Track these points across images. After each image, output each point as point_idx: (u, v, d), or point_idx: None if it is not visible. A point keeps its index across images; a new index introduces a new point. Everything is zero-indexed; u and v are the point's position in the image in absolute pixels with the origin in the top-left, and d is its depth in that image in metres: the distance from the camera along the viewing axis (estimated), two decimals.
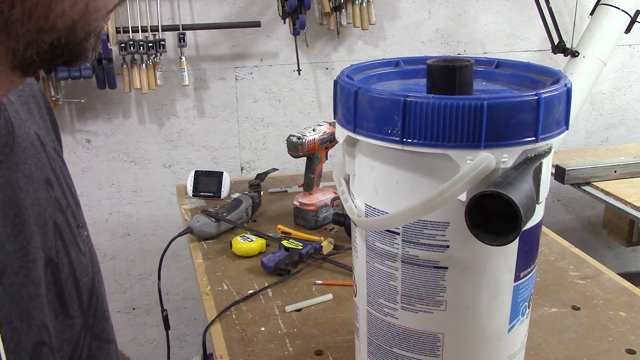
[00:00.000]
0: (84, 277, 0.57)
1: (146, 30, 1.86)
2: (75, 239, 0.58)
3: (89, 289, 0.58)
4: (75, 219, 0.59)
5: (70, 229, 0.57)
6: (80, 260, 0.57)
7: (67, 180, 0.62)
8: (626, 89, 2.42)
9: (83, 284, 0.57)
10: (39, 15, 0.40)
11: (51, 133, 0.65)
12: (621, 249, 2.50)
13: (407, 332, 0.73)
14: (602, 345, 1.02)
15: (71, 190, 0.62)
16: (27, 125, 0.56)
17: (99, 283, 0.62)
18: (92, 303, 0.58)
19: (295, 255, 1.26)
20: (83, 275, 0.57)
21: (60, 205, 0.56)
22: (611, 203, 1.79)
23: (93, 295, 0.59)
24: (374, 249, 0.73)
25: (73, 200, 0.61)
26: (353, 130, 0.70)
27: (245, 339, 1.04)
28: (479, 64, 0.80)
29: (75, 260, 0.56)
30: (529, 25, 2.24)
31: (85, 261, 0.58)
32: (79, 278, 0.56)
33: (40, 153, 0.56)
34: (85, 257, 0.59)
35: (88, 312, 0.58)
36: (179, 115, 2.05)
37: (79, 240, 0.59)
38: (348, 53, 2.13)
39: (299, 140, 1.37)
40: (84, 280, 0.57)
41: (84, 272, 0.58)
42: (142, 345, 2.24)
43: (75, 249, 0.57)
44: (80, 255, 0.58)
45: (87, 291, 0.58)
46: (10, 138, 0.50)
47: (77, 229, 0.59)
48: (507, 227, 0.57)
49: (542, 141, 0.65)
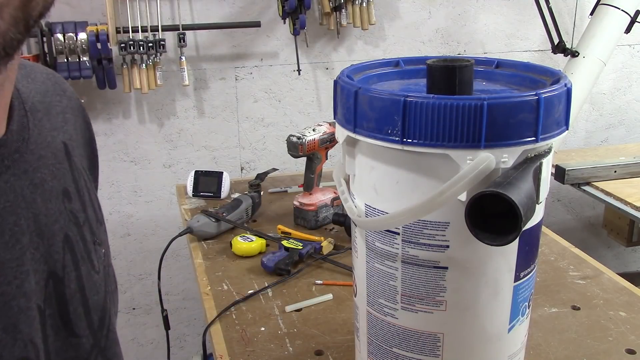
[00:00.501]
0: (94, 295, 0.55)
1: (146, 30, 1.86)
2: (89, 255, 0.55)
3: (101, 309, 0.56)
4: (92, 234, 0.57)
5: (84, 244, 0.55)
6: (91, 277, 0.55)
7: (92, 195, 0.60)
8: (626, 89, 2.42)
9: (92, 302, 0.54)
10: None
11: (88, 149, 0.64)
12: (621, 249, 2.50)
13: (407, 332, 0.73)
14: (602, 345, 1.02)
15: (94, 205, 0.60)
16: (52, 134, 0.55)
17: (112, 304, 0.59)
18: (104, 324, 0.56)
19: (295, 255, 1.26)
20: (93, 293, 0.55)
21: (76, 218, 0.55)
22: (611, 203, 1.79)
23: (105, 315, 0.56)
24: (374, 249, 0.73)
25: (94, 216, 0.59)
26: (353, 130, 0.70)
27: (245, 339, 1.04)
28: (479, 64, 0.80)
29: (86, 277, 0.54)
30: (529, 25, 2.24)
31: (97, 279, 0.56)
32: (88, 295, 0.54)
33: (62, 163, 0.55)
34: (99, 274, 0.56)
35: (100, 333, 0.55)
36: (179, 115, 2.05)
37: (94, 256, 0.56)
38: (348, 53, 2.13)
39: (299, 140, 1.37)
40: (94, 299, 0.55)
41: (95, 290, 0.55)
42: (142, 345, 2.24)
43: (88, 265, 0.54)
44: (93, 273, 0.55)
45: (97, 310, 0.55)
46: (24, 144, 0.49)
47: (92, 244, 0.57)
48: (507, 227, 0.57)
49: (542, 141, 0.65)
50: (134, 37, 1.85)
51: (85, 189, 0.58)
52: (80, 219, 0.55)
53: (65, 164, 0.56)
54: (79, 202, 0.56)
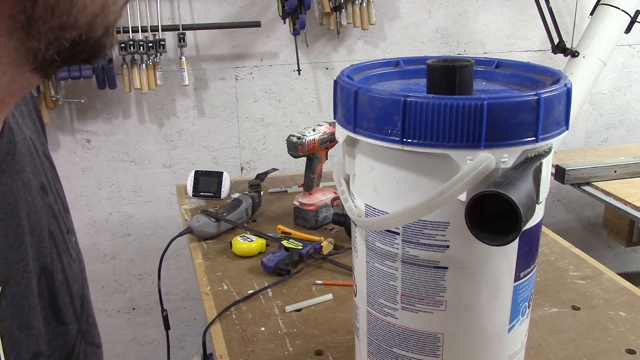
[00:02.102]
0: (75, 284, 0.57)
1: (146, 30, 1.86)
2: (67, 245, 0.57)
3: (80, 295, 0.58)
4: (65, 224, 0.59)
5: (62, 236, 0.56)
6: (71, 266, 0.57)
7: (57, 185, 0.61)
8: (626, 89, 2.42)
9: (75, 290, 0.57)
10: (61, 11, 0.38)
11: (41, 136, 0.63)
12: (621, 249, 2.50)
13: (407, 332, 0.73)
14: (602, 345, 1.02)
15: (60, 195, 0.61)
16: (22, 129, 0.55)
17: (87, 289, 0.62)
18: (84, 309, 0.59)
19: (295, 255, 1.26)
20: (74, 282, 0.57)
21: (53, 211, 0.56)
22: (611, 203, 1.79)
23: (84, 301, 0.59)
24: (374, 249, 0.73)
25: (62, 206, 0.60)
26: (353, 130, 0.70)
27: (245, 339, 1.04)
28: (479, 64, 0.80)
29: (67, 267, 0.56)
30: (529, 25, 2.24)
31: (75, 267, 0.58)
32: (71, 285, 0.56)
33: (35, 159, 0.55)
34: (76, 263, 0.58)
35: (82, 318, 0.58)
36: (179, 115, 2.05)
37: (70, 246, 0.58)
38: (348, 53, 2.13)
39: (299, 140, 1.37)
40: (75, 287, 0.57)
41: (75, 279, 0.57)
42: (142, 345, 2.24)
43: (67, 256, 0.56)
44: (72, 262, 0.57)
45: (79, 297, 0.57)
46: (12, 145, 0.49)
47: (67, 234, 0.58)
48: (507, 227, 0.57)
49: (542, 141, 0.65)
50: (134, 37, 1.85)
51: (52, 180, 0.59)
52: (56, 211, 0.56)
53: (37, 159, 0.56)
54: (52, 195, 0.57)
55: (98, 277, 2.13)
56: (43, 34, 0.38)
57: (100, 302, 2.16)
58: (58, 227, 0.56)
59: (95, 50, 0.42)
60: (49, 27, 0.38)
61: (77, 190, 2.02)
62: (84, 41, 0.40)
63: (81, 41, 0.40)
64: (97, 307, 2.16)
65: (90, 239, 2.07)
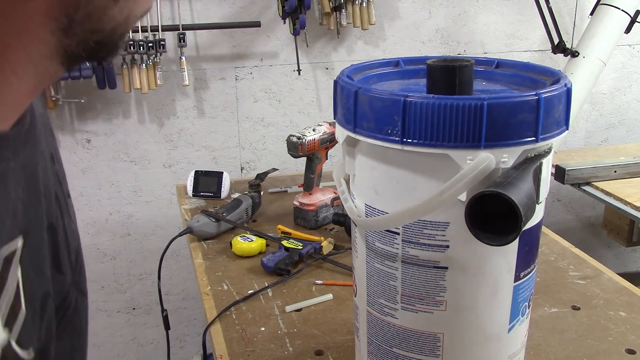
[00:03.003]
0: (73, 242, 0.66)
1: (146, 30, 1.86)
2: (68, 208, 0.66)
3: (76, 252, 0.67)
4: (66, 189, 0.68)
5: (65, 199, 0.65)
6: (70, 226, 0.66)
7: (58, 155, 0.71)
8: (626, 89, 2.42)
9: (72, 247, 0.65)
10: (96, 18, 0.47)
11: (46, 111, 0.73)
12: (621, 249, 2.50)
13: (407, 332, 0.73)
14: (602, 345, 1.02)
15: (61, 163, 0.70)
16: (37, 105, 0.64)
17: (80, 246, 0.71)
18: (78, 262, 0.68)
19: (295, 255, 1.26)
20: (72, 240, 0.66)
21: (58, 177, 0.64)
22: (611, 203, 1.79)
23: (78, 256, 0.68)
24: (374, 249, 0.73)
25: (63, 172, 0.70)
26: (353, 130, 0.70)
27: (245, 339, 1.04)
28: (479, 64, 0.80)
29: (67, 226, 0.65)
30: (529, 25, 2.24)
31: (73, 227, 0.68)
32: (70, 241, 0.64)
33: (47, 130, 0.64)
34: (74, 223, 0.68)
35: (75, 271, 0.67)
36: (179, 115, 2.05)
37: (70, 210, 0.67)
38: (348, 53, 2.13)
39: (299, 140, 1.37)
40: (73, 244, 0.66)
41: (73, 237, 0.67)
42: (142, 345, 2.24)
43: (68, 217, 0.66)
44: (71, 222, 0.66)
45: (74, 253, 0.66)
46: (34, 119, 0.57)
47: (68, 198, 0.67)
48: (507, 227, 0.57)
49: (542, 141, 0.65)
50: (134, 37, 1.85)
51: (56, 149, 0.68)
52: (60, 177, 0.66)
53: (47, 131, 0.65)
54: (57, 163, 0.66)
55: (98, 277, 2.13)
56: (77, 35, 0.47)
57: (101, 302, 2.16)
58: (62, 191, 0.65)
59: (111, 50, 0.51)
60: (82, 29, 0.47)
61: (77, 190, 2.02)
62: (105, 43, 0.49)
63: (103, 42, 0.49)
64: (97, 307, 2.16)
65: (90, 239, 2.07)
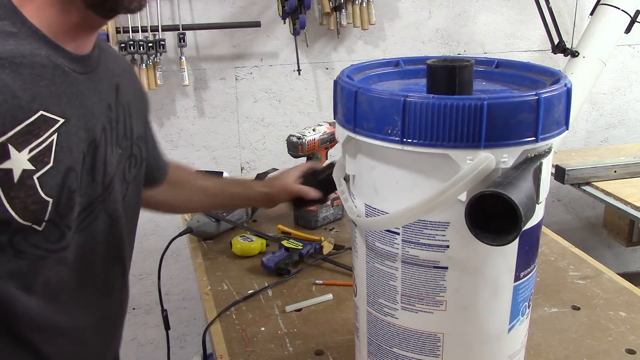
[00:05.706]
0: (109, 167, 0.81)
1: (146, 30, 1.86)
2: (112, 144, 0.82)
3: (110, 176, 0.82)
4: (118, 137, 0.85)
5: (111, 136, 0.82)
6: (110, 155, 0.81)
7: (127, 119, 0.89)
8: (626, 89, 2.42)
9: (107, 170, 0.81)
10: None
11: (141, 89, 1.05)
12: (621, 249, 2.50)
13: (407, 332, 0.73)
14: (602, 345, 1.02)
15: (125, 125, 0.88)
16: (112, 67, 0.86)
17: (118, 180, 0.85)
18: (110, 184, 0.82)
19: (295, 255, 1.26)
20: (108, 164, 0.81)
21: (110, 119, 0.82)
22: (611, 203, 1.79)
23: (112, 182, 0.83)
24: (374, 249, 0.73)
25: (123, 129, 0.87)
26: (353, 130, 0.70)
27: (245, 339, 1.04)
28: (479, 64, 0.80)
29: (108, 153, 0.81)
30: (529, 25, 2.24)
31: (112, 158, 0.82)
32: (107, 164, 0.81)
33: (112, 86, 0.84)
34: (113, 155, 0.83)
35: (106, 189, 0.81)
36: (179, 115, 2.05)
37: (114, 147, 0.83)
38: (348, 53, 2.13)
39: (299, 140, 1.37)
40: (108, 169, 0.81)
41: (110, 163, 0.81)
42: (142, 345, 2.24)
43: (110, 148, 0.81)
44: (111, 153, 0.82)
45: (108, 175, 0.81)
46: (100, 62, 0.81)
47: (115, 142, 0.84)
48: (507, 227, 0.57)
49: (542, 141, 0.65)
50: (134, 37, 1.85)
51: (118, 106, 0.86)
52: (112, 120, 0.83)
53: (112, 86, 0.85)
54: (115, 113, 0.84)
55: None
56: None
57: None
58: (111, 129, 0.82)
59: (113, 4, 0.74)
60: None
61: None
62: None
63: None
64: None
65: None
